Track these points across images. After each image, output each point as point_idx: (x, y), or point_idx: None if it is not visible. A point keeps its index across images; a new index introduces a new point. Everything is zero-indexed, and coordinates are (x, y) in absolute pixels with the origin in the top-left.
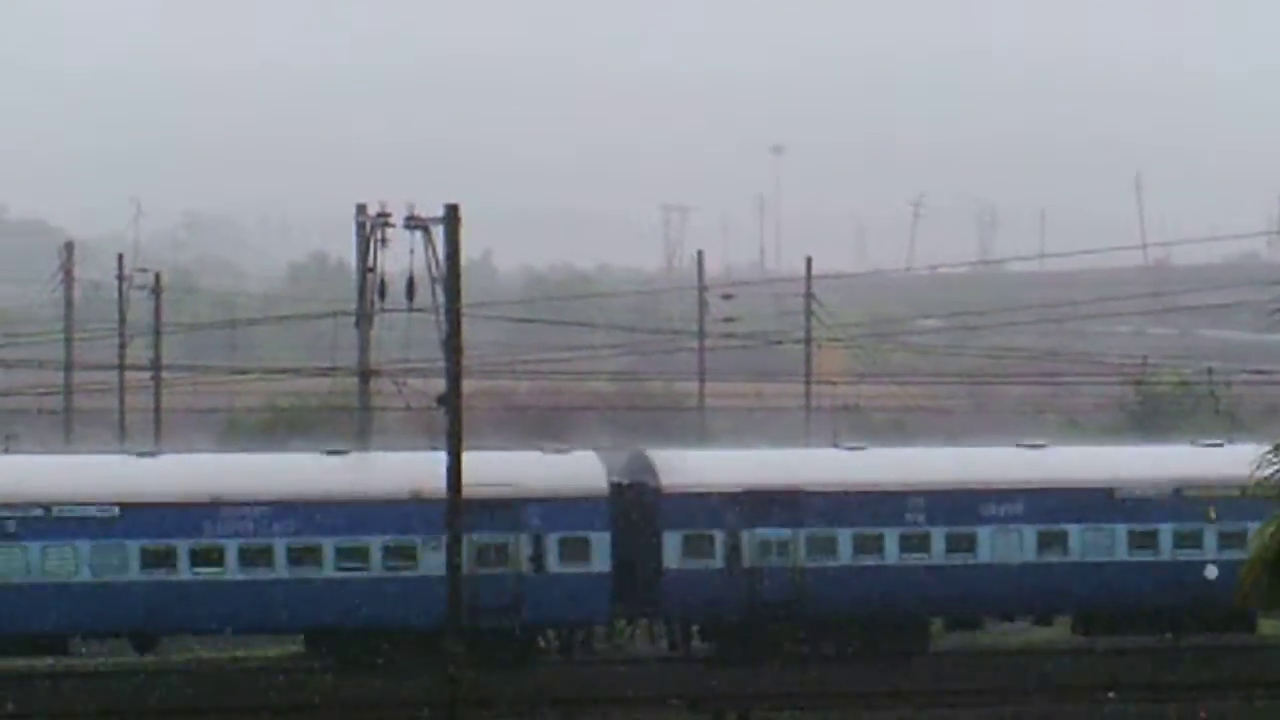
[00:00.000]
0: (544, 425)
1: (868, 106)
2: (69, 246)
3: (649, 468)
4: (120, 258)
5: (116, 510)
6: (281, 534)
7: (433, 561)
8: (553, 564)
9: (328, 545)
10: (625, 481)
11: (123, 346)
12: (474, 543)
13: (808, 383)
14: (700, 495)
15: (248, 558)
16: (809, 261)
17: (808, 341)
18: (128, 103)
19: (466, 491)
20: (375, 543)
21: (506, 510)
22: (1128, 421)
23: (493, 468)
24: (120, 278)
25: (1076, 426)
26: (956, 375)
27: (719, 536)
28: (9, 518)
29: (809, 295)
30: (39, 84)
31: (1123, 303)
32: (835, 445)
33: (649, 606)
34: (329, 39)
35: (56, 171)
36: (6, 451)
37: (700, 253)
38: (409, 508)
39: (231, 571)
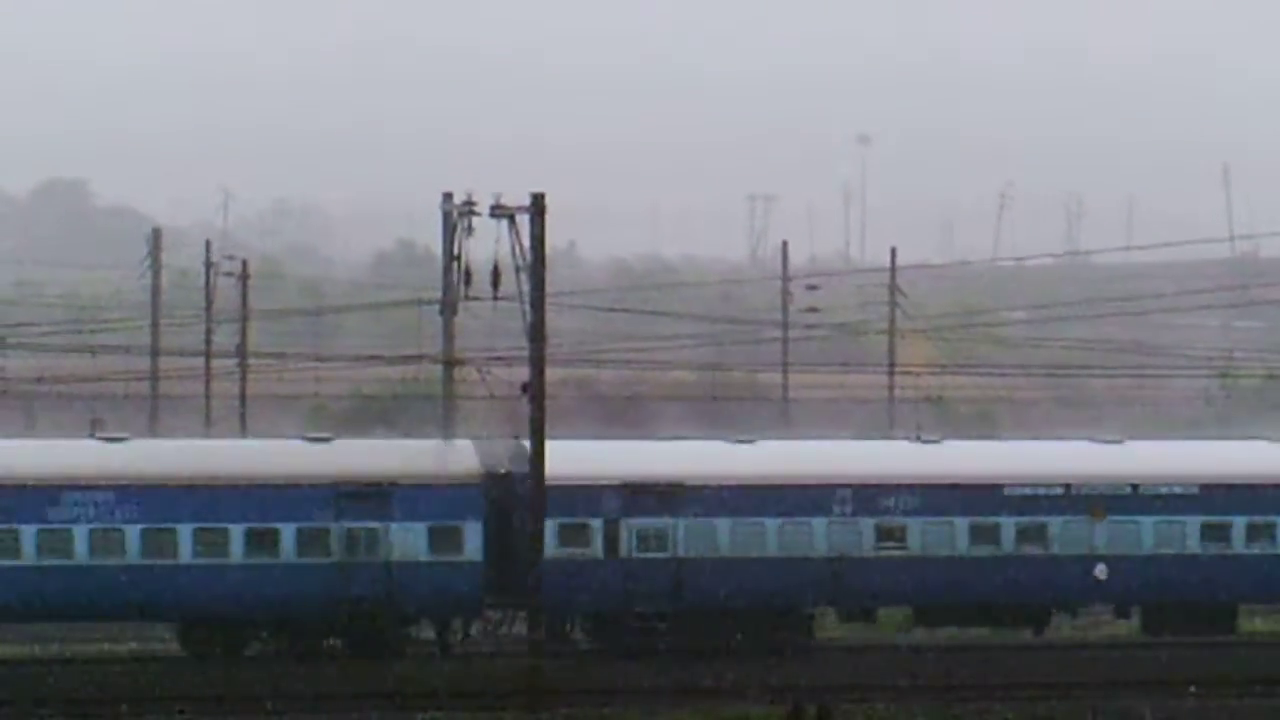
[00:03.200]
0: (625, 414)
1: (956, 100)
2: (157, 233)
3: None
4: (208, 245)
5: None
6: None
7: None
8: None
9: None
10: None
11: (209, 333)
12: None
13: (891, 374)
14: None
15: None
16: (894, 252)
17: (891, 332)
18: (217, 90)
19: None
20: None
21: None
22: (1213, 415)
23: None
24: (208, 264)
25: (1161, 419)
26: (1041, 367)
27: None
28: None
29: (893, 286)
30: (128, 70)
31: (1209, 295)
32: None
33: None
34: (419, 29)
35: (146, 159)
36: (93, 436)
37: (785, 243)
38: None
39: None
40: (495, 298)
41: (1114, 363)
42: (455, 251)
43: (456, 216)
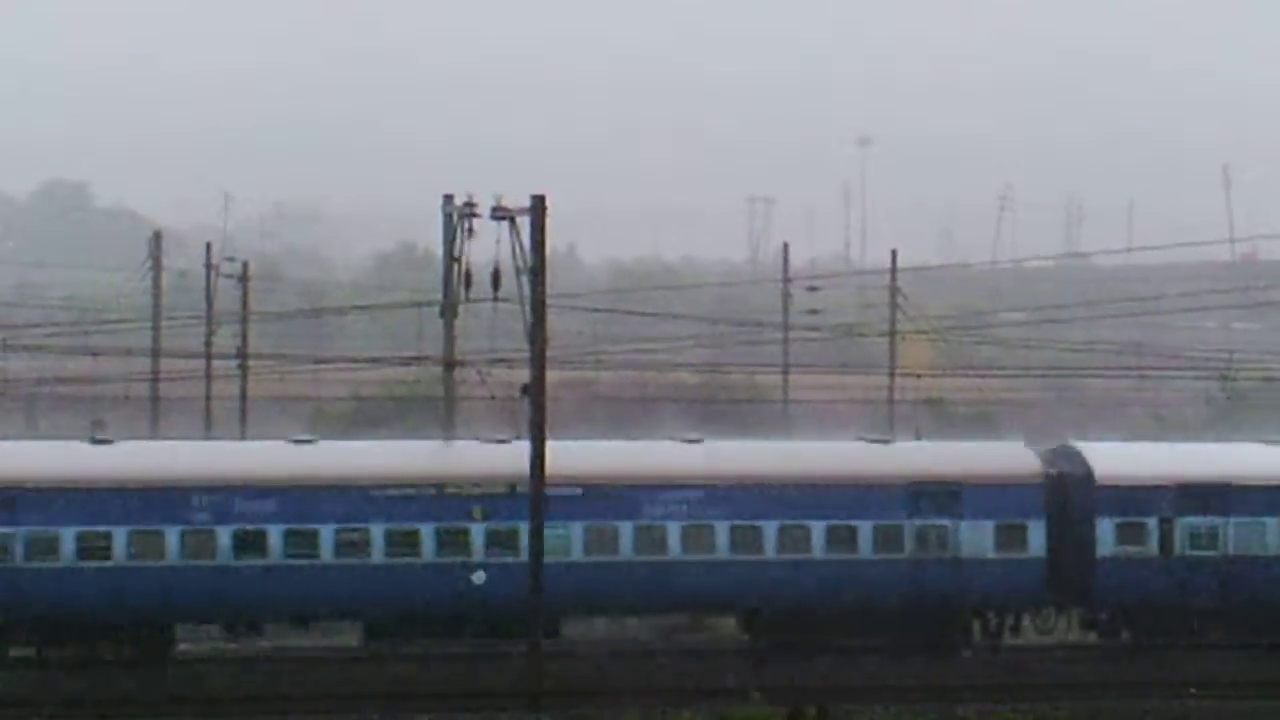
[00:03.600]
0: (626, 416)
1: (956, 102)
2: (157, 235)
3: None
4: (209, 246)
5: None
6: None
7: None
8: None
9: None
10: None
11: (210, 335)
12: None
13: (891, 375)
14: None
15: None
16: (894, 254)
17: (892, 334)
18: (217, 93)
19: None
20: None
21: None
22: (1213, 416)
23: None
24: (208, 266)
25: (1162, 421)
26: (1041, 369)
27: None
28: None
29: (894, 287)
30: (129, 72)
31: (1209, 297)
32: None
33: None
34: (419, 32)
35: (146, 161)
36: (94, 439)
37: (785, 244)
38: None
39: None
40: (495, 299)
41: (1114, 364)
42: (456, 253)
43: (457, 219)
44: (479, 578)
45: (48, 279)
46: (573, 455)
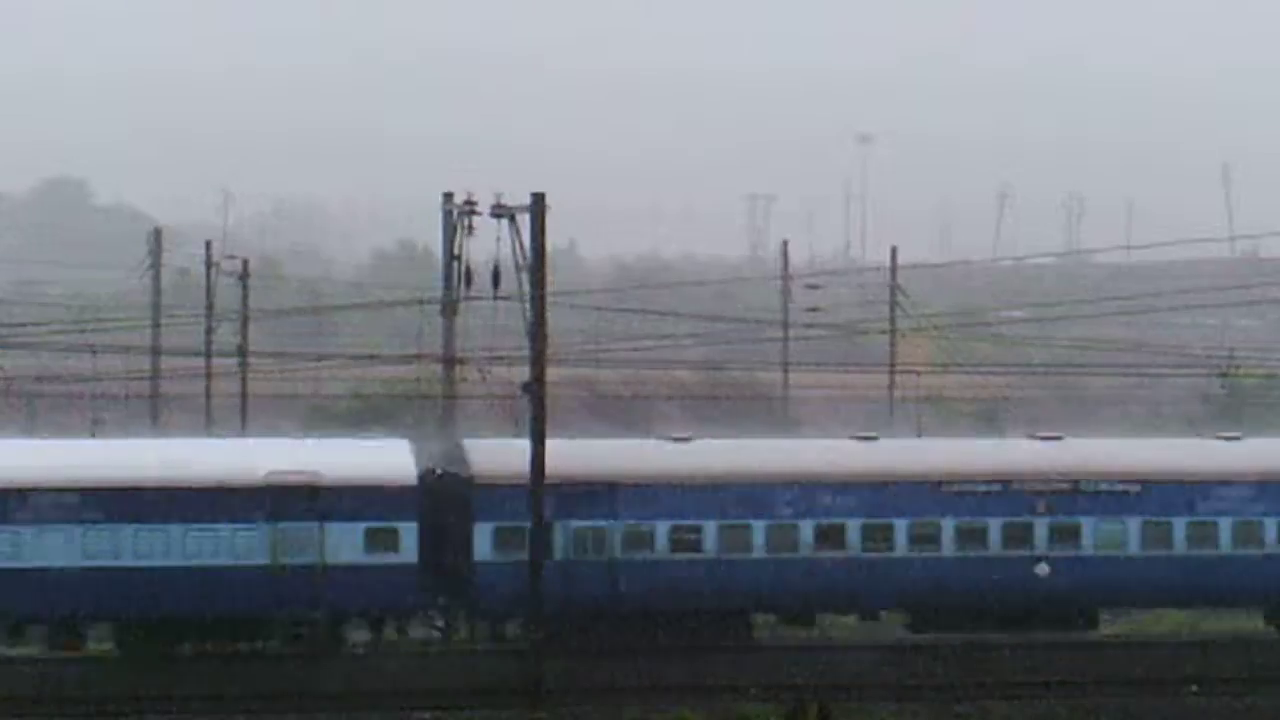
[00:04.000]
0: (627, 413)
1: (956, 100)
2: (157, 233)
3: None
4: (208, 244)
5: None
6: None
7: None
8: None
9: None
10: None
11: (210, 332)
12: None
13: (891, 373)
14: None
15: None
16: (894, 251)
17: (892, 331)
18: (217, 91)
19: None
20: None
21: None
22: (1213, 414)
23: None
24: (208, 264)
25: (1161, 418)
26: (1042, 366)
27: None
28: None
29: (894, 285)
30: (129, 70)
31: (1209, 295)
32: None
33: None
34: (420, 32)
35: (146, 159)
36: (94, 435)
37: (785, 242)
38: None
39: None
40: (495, 297)
41: (1114, 362)
42: (456, 251)
43: (457, 216)
44: (1042, 570)
45: (48, 277)
46: (1133, 452)
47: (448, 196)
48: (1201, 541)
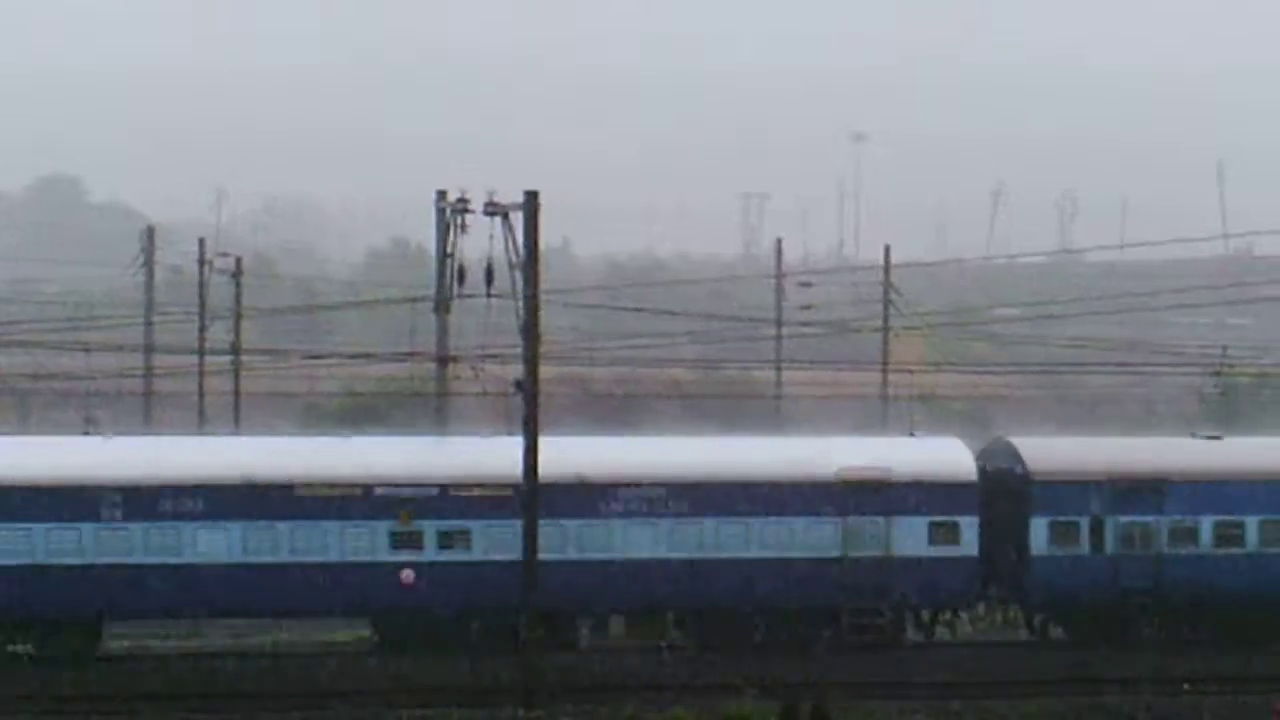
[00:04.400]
0: (620, 411)
1: (950, 99)
2: (151, 230)
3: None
4: (202, 242)
5: None
6: None
7: None
8: None
9: None
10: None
11: (203, 330)
12: None
13: (884, 371)
14: None
15: None
16: (887, 250)
17: (885, 330)
18: (211, 89)
19: None
20: None
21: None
22: (1207, 412)
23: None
24: (201, 262)
25: (1154, 416)
26: (1035, 365)
27: None
28: None
29: (887, 283)
30: (123, 68)
31: (1203, 293)
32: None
33: None
34: (415, 30)
35: (139, 156)
36: (88, 434)
37: (779, 240)
38: None
39: None
40: (489, 295)
41: (1107, 360)
42: (449, 249)
43: (450, 214)
44: None
45: (42, 274)
46: None
47: (441, 194)
48: None
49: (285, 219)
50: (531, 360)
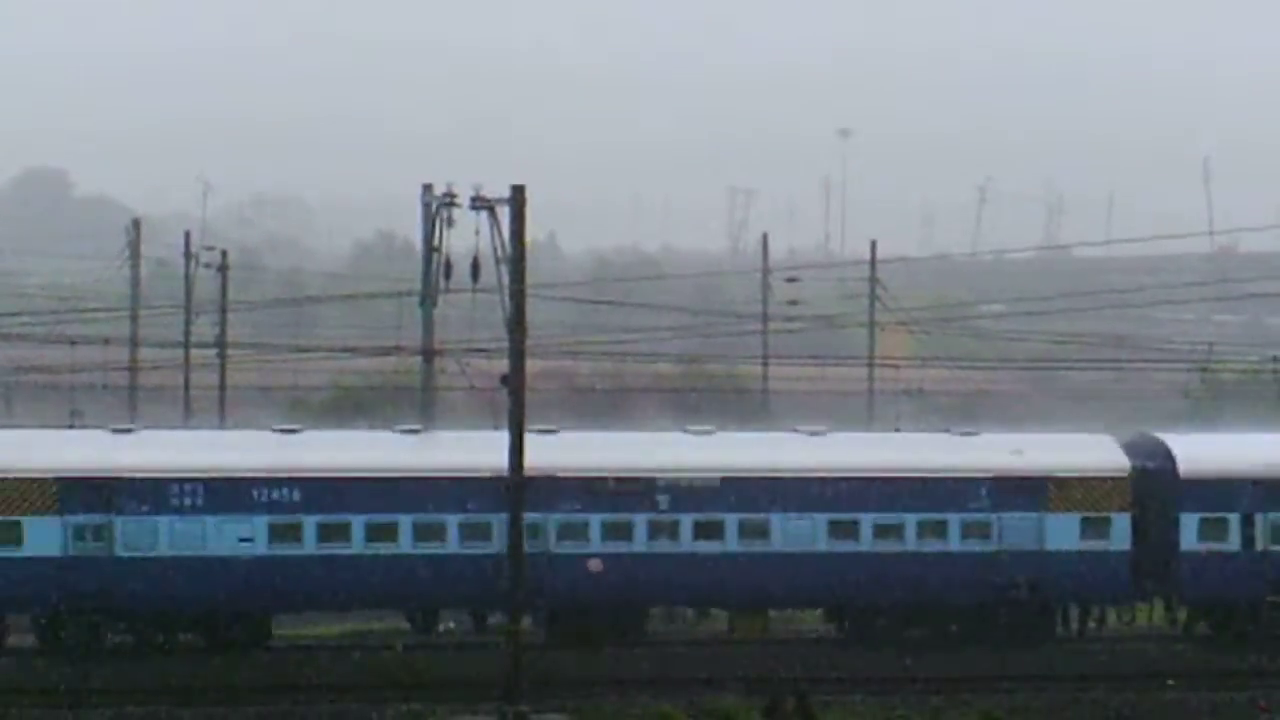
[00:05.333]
0: (606, 406)
1: (936, 95)
2: (136, 224)
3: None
4: (187, 235)
5: None
6: None
7: None
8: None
9: None
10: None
11: (188, 324)
12: None
13: (870, 366)
14: None
15: None
16: (874, 245)
17: (871, 325)
18: (195, 81)
19: None
20: None
21: None
22: (1192, 408)
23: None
24: (187, 255)
25: (1141, 412)
26: (1021, 360)
27: None
28: None
29: (873, 279)
30: (107, 61)
31: (1189, 289)
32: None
33: None
34: (399, 24)
35: (124, 149)
36: (72, 427)
37: (765, 235)
38: None
39: None
40: (475, 289)
41: (1093, 356)
42: (435, 243)
43: (436, 208)
44: None
45: (26, 267)
46: None
47: (427, 188)
48: None
49: (271, 212)
50: (517, 355)
